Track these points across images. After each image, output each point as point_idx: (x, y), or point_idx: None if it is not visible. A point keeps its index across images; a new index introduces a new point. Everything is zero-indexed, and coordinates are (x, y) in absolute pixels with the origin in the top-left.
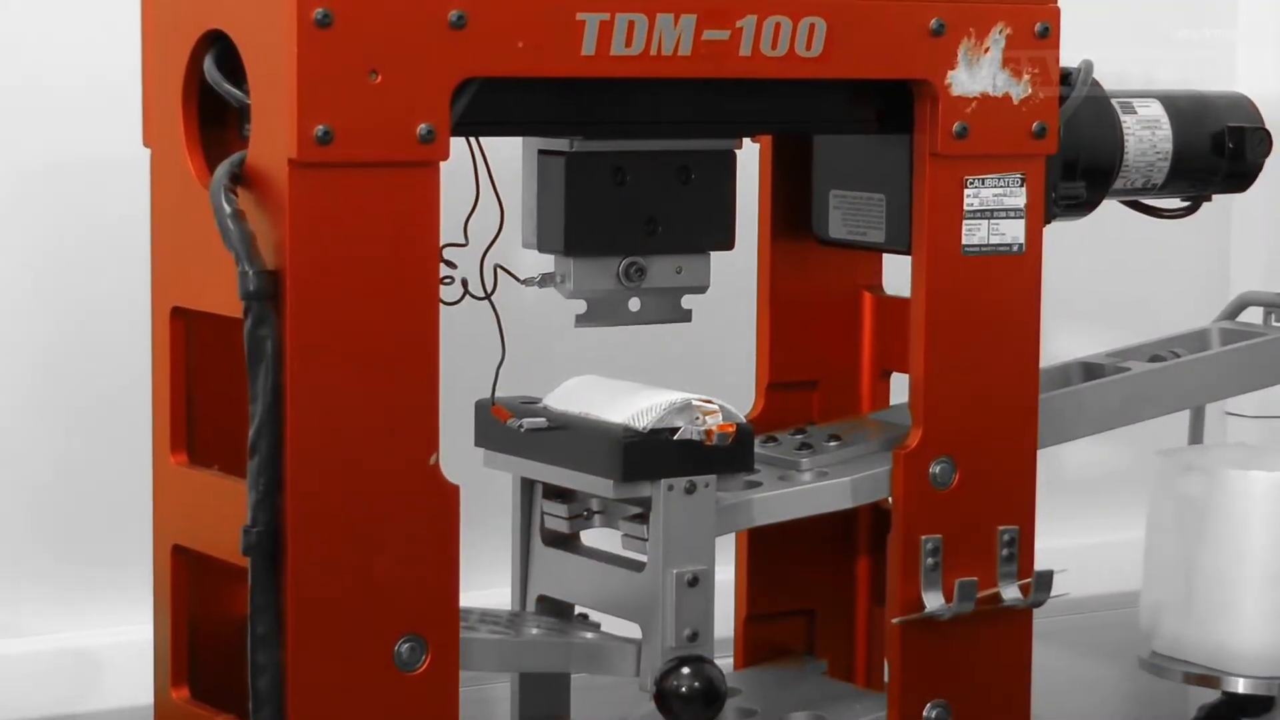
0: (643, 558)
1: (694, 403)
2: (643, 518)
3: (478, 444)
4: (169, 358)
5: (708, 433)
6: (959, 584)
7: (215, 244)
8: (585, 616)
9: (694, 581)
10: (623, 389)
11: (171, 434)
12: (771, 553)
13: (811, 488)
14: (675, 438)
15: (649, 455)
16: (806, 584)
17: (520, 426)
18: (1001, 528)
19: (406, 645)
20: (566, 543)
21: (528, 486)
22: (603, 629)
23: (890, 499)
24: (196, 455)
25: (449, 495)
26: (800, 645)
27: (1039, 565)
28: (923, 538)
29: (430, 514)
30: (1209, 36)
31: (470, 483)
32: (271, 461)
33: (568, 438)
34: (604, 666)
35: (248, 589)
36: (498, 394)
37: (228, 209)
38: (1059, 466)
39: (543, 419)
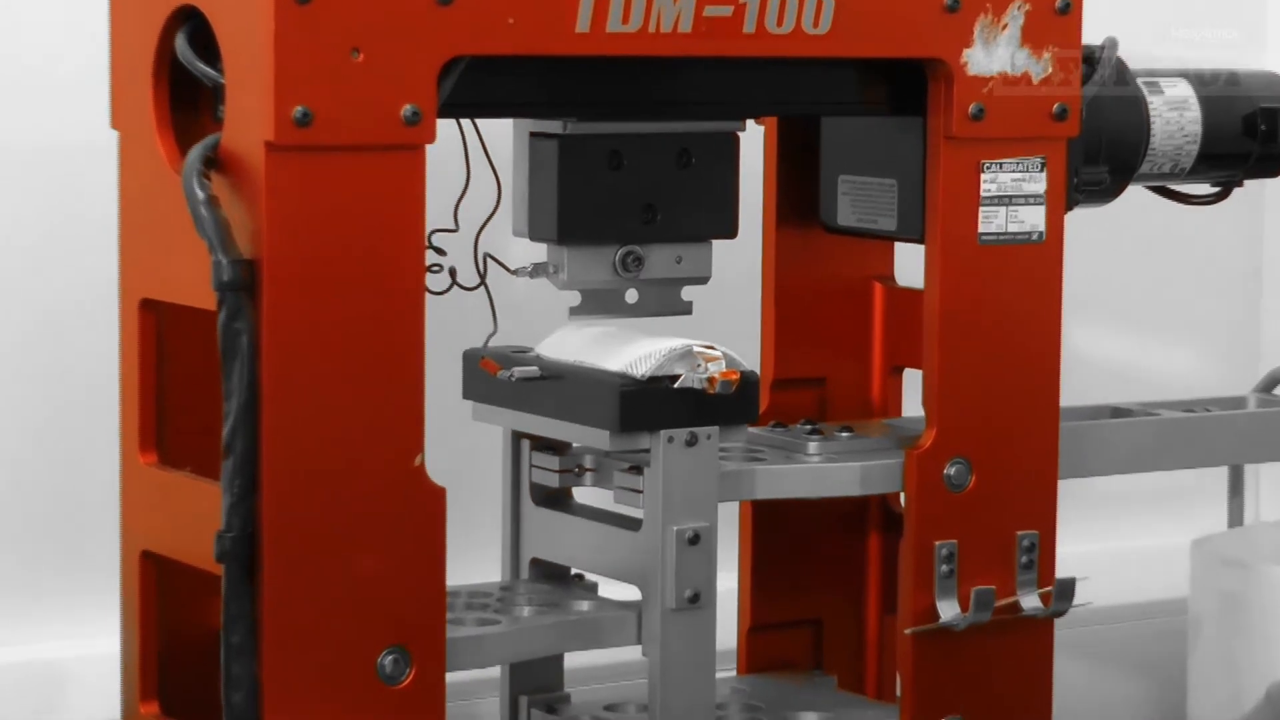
0: (637, 513)
1: (695, 349)
2: (638, 468)
3: (466, 396)
4: (138, 353)
5: (710, 380)
6: (975, 592)
7: (187, 232)
8: (581, 577)
9: (695, 539)
10: (619, 336)
11: (141, 433)
12: (776, 559)
13: (819, 467)
14: (675, 386)
15: (647, 404)
16: (813, 592)
17: (511, 376)
18: (1020, 533)
19: (390, 657)
20: (558, 501)
21: (517, 441)
22: (599, 592)
23: (903, 498)
24: (167, 455)
25: (435, 498)
26: (807, 659)
27: (1060, 572)
28: (937, 543)
29: (415, 518)
30: (1240, 13)
31: (458, 486)
32: (247, 462)
33: (561, 387)
34: (602, 640)
35: (221, 598)
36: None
37: (201, 195)
38: None
39: (534, 368)
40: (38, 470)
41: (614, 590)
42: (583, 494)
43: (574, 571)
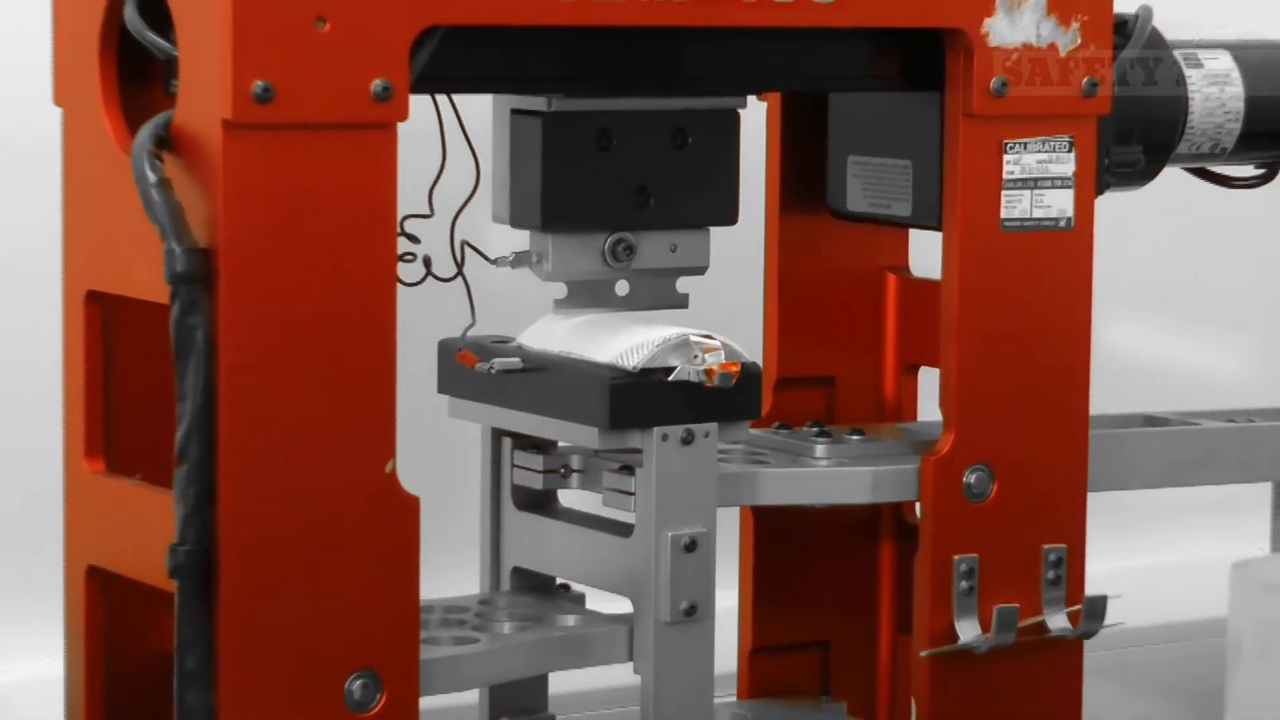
0: (628, 517)
1: (692, 339)
2: (629, 469)
3: (441, 390)
4: (83, 350)
5: (708, 373)
6: (997, 611)
7: (138, 218)
8: (567, 587)
9: (692, 546)
10: (609, 324)
11: (86, 437)
12: (780, 574)
13: (827, 472)
14: (670, 379)
15: (639, 399)
16: (820, 611)
17: (490, 368)
18: (1046, 546)
19: (359, 682)
20: (542, 505)
21: (498, 440)
22: (587, 604)
23: (918, 508)
24: (115, 462)
25: (407, 508)
26: (814, 683)
27: (1090, 590)
28: (955, 557)
29: (386, 529)
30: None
31: (432, 489)
32: (202, 469)
33: (545, 380)
34: (589, 657)
35: (175, 618)
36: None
37: (152, 177)
38: None
39: (516, 359)
40: None
41: (603, 602)
42: (569, 497)
43: (559, 582)
